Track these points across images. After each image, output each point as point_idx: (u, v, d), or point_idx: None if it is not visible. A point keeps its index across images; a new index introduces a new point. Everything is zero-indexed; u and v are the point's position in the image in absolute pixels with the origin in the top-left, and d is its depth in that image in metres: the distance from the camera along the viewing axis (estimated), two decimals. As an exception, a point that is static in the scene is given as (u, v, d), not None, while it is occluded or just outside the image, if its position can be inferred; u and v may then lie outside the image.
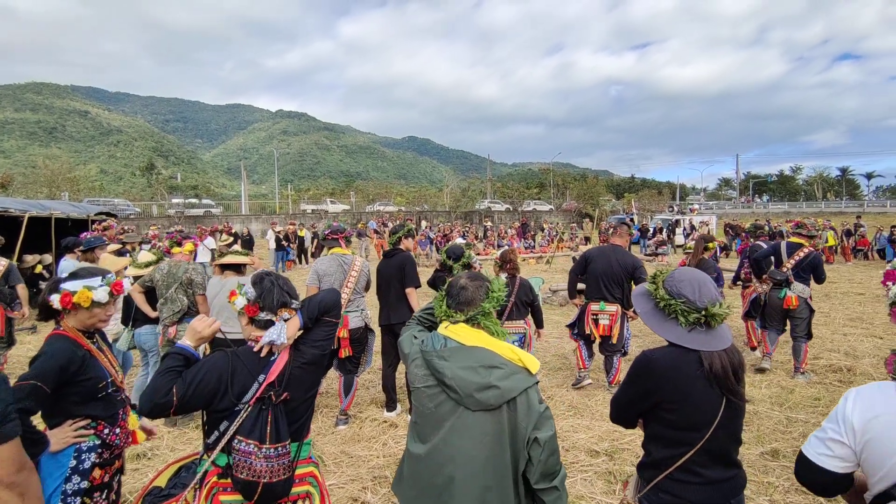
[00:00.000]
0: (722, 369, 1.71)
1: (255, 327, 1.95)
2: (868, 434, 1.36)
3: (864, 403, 1.41)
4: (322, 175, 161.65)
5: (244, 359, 1.89)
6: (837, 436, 1.42)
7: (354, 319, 4.51)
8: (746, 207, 50.39)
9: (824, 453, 1.45)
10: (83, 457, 2.20)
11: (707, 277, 1.86)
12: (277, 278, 2.01)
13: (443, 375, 1.74)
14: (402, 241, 5.04)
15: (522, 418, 1.70)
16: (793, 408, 4.89)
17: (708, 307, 1.76)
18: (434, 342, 1.84)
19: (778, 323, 5.85)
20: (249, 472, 1.77)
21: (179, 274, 4.60)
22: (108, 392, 2.30)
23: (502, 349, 1.79)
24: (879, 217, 31.51)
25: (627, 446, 4.12)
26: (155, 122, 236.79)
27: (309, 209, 40.23)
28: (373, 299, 5.04)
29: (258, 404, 1.82)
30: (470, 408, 1.71)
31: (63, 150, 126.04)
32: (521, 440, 1.71)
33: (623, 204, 44.68)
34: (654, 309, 1.84)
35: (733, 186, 71.36)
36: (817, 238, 7.29)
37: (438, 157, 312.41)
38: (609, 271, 5.23)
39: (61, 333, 2.25)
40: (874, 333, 7.76)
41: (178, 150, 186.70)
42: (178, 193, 50.55)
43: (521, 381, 1.73)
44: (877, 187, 77.69)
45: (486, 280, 1.96)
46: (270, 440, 1.80)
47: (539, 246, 22.24)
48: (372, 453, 4.07)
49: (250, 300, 1.92)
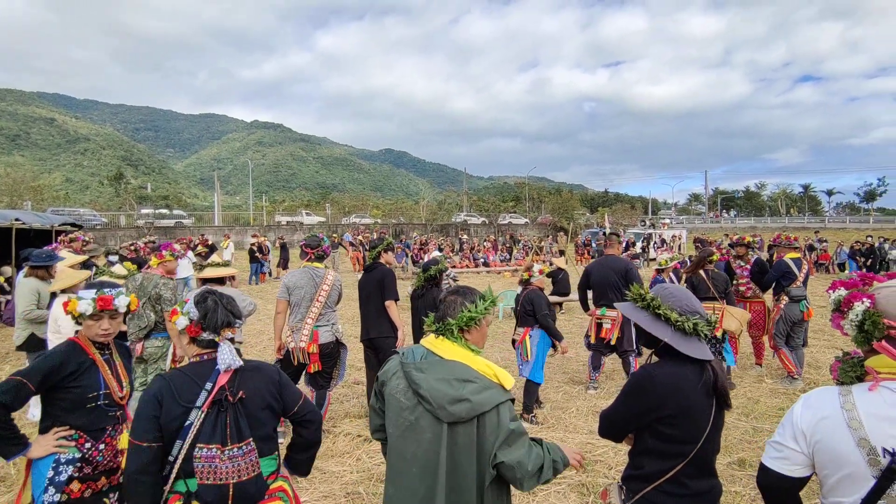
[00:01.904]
0: (723, 377, 1.80)
1: (196, 346, 1.93)
2: (817, 436, 1.42)
3: (812, 407, 1.47)
4: (298, 186, 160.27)
5: (188, 372, 1.87)
6: (790, 441, 1.47)
7: (325, 334, 4.41)
8: (715, 222, 51.81)
9: (778, 458, 1.49)
10: (60, 468, 2.18)
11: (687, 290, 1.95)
12: (221, 297, 1.97)
13: (418, 387, 1.76)
14: (382, 254, 5.02)
15: (490, 434, 1.72)
16: (759, 418, 5.02)
17: (709, 318, 1.87)
18: (415, 354, 1.88)
19: (800, 338, 6.18)
20: (215, 477, 1.74)
21: (149, 288, 4.45)
22: (99, 404, 2.27)
23: (478, 364, 1.81)
24: (839, 232, 32.85)
25: (600, 458, 4.16)
26: (125, 131, 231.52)
27: (284, 221, 39.76)
28: (354, 313, 5.01)
29: (214, 408, 1.80)
30: (443, 420, 1.72)
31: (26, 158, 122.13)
32: (486, 455, 1.72)
33: (597, 218, 45.46)
34: (673, 332, 1.81)
35: (702, 202, 73.51)
36: (800, 249, 7.68)
37: (415, 169, 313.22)
38: (606, 279, 5.70)
39: (72, 339, 2.33)
40: (835, 345, 8.05)
41: (149, 160, 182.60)
42: (147, 204, 49.30)
43: (493, 396, 1.74)
44: (837, 203, 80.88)
45: (470, 295, 1.95)
46: (232, 440, 1.79)
47: (514, 259, 22.44)
48: (345, 469, 4.01)
49: (193, 320, 1.88)
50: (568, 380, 6.30)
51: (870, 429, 1.35)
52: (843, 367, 1.51)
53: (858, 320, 1.48)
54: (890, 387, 1.38)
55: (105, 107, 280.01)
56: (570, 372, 6.61)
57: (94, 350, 2.33)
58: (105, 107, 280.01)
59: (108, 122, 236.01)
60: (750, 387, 5.92)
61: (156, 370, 4.43)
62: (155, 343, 4.41)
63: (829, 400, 1.45)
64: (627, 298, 1.99)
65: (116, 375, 2.39)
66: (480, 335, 1.93)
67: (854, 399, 1.41)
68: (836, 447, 1.39)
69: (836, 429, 1.39)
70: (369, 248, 5.13)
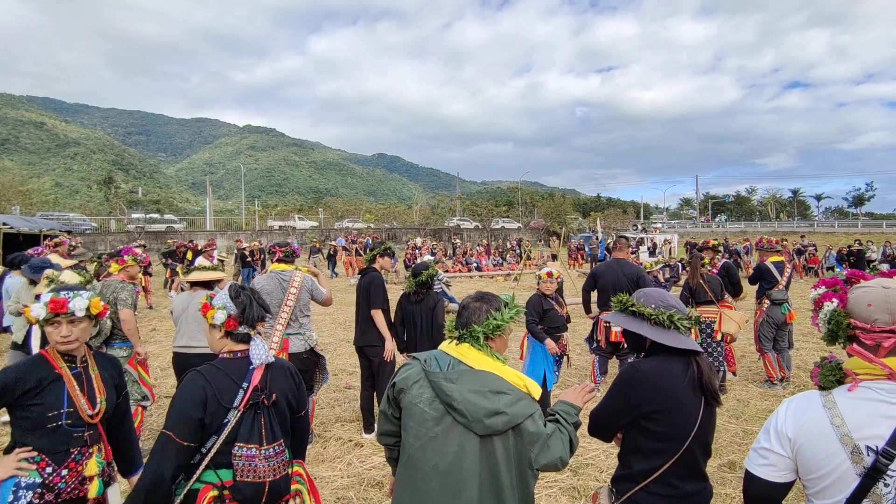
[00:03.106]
0: (708, 372, 1.81)
1: (231, 340, 1.96)
2: (801, 439, 1.42)
3: (795, 412, 1.47)
4: (290, 191, 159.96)
5: (224, 368, 1.91)
6: (774, 445, 1.47)
7: (296, 343, 4.25)
8: (706, 227, 52.27)
9: (762, 463, 1.49)
10: (20, 493, 1.99)
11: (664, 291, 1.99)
12: (252, 292, 2.02)
13: (451, 399, 1.71)
14: (378, 259, 4.85)
15: (528, 443, 1.73)
16: (749, 420, 5.05)
17: (690, 312, 1.90)
18: (440, 363, 1.82)
19: (785, 341, 6.22)
20: (255, 475, 1.82)
21: (108, 294, 4.26)
22: (60, 424, 2.05)
23: (509, 375, 1.79)
24: (828, 237, 33.16)
25: (592, 461, 4.16)
26: (116, 135, 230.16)
27: (276, 225, 39.59)
28: (347, 317, 4.97)
29: (251, 410, 1.87)
30: (478, 433, 1.70)
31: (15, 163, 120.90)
32: (525, 465, 1.73)
33: (589, 222, 45.65)
34: (651, 326, 1.88)
35: (694, 206, 74.06)
36: (784, 250, 7.78)
37: (408, 174, 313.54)
38: (618, 283, 5.60)
39: (40, 352, 2.14)
40: (824, 348, 8.11)
41: (140, 164, 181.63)
42: (138, 208, 48.90)
43: (526, 408, 1.74)
44: (826, 208, 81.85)
45: (495, 302, 1.91)
46: (267, 441, 1.87)
47: (507, 264, 22.47)
48: (336, 473, 3.98)
49: (232, 315, 1.93)
50: (560, 383, 6.29)
51: (853, 427, 1.36)
52: (823, 372, 1.52)
53: (825, 319, 1.52)
54: (870, 386, 1.39)
55: (96, 111, 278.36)
56: (562, 374, 6.61)
57: (62, 363, 2.11)
58: (96, 111, 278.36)
59: (99, 126, 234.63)
60: (740, 390, 5.95)
61: (127, 381, 4.25)
62: (119, 353, 4.23)
63: (812, 403, 1.46)
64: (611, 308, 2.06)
65: (89, 391, 2.16)
66: (503, 343, 1.90)
67: (835, 399, 1.42)
68: (821, 448, 1.39)
69: (819, 430, 1.40)
70: (366, 251, 5.00)
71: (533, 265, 21.44)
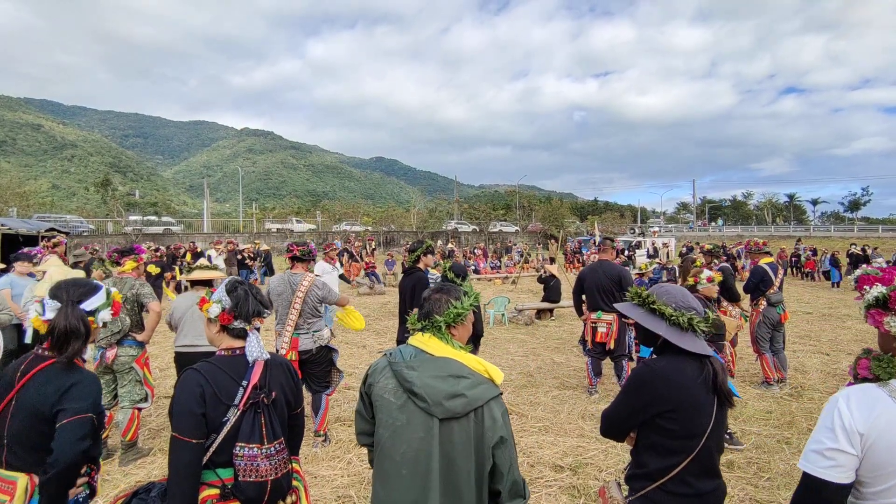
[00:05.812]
0: (722, 373, 1.81)
1: (227, 335, 1.96)
2: (873, 435, 1.35)
3: (860, 407, 1.38)
4: (288, 194, 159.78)
5: (221, 365, 1.90)
6: (843, 444, 1.37)
7: (305, 341, 4.31)
8: (703, 231, 52.36)
9: (829, 465, 1.38)
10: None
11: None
12: (251, 287, 2.02)
13: (411, 384, 1.76)
14: (422, 258, 4.93)
15: (488, 427, 1.75)
16: (746, 421, 5.08)
17: (708, 315, 1.89)
18: (403, 354, 1.87)
19: (780, 342, 6.28)
20: (257, 475, 1.83)
21: (125, 291, 4.23)
22: None
23: (469, 360, 1.83)
24: (824, 241, 33.25)
25: (591, 461, 4.18)
26: (113, 137, 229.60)
27: (274, 228, 39.56)
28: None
29: (251, 409, 1.86)
30: (437, 416, 1.73)
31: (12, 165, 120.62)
32: (486, 448, 1.74)
33: (587, 226, 45.74)
34: (668, 326, 1.85)
35: (691, 211, 74.20)
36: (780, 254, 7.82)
37: (406, 177, 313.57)
38: (600, 284, 5.76)
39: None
40: (821, 350, 8.17)
41: (137, 167, 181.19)
42: (135, 210, 48.82)
43: (486, 391, 1.77)
44: (822, 213, 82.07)
45: (455, 292, 1.97)
46: (268, 440, 1.87)
47: (505, 266, 22.50)
48: (336, 472, 3.99)
49: (226, 308, 1.92)
50: (559, 384, 6.32)
51: None
52: (880, 364, 1.47)
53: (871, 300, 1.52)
54: None
55: (93, 113, 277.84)
56: (561, 376, 6.64)
57: None
58: (93, 113, 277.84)
59: (96, 128, 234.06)
60: (738, 390, 5.98)
61: (130, 381, 4.22)
62: (129, 351, 4.23)
63: (876, 396, 1.39)
64: (626, 299, 2.03)
65: None
66: (465, 331, 1.96)
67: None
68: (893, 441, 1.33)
69: (892, 422, 1.34)
70: (408, 252, 5.06)
71: (530, 268, 21.50)
